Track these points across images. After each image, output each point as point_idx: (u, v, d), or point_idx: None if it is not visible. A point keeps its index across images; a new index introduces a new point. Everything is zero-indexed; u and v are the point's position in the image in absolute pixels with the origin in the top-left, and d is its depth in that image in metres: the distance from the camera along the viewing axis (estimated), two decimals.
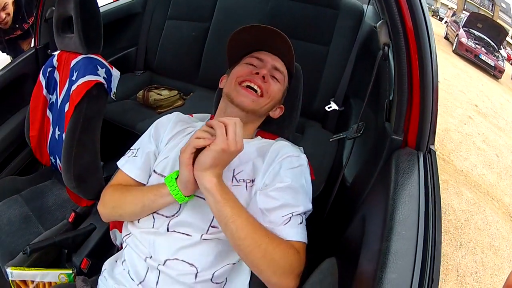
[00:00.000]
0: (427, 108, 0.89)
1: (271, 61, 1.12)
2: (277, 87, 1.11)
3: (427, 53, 0.84)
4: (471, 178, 3.37)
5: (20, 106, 1.99)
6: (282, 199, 0.91)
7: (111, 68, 1.54)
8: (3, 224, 1.58)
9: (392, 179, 0.83)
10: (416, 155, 0.91)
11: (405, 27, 0.84)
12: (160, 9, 2.63)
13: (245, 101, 1.04)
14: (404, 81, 0.89)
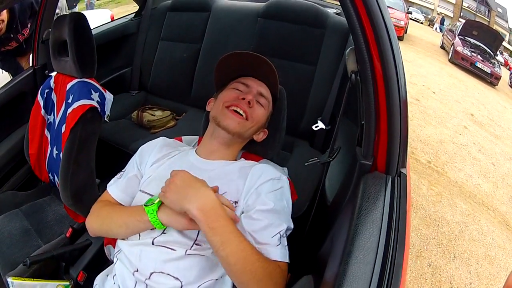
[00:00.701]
0: (395, 134, 0.90)
1: (256, 87, 1.17)
2: (262, 112, 1.16)
3: (393, 80, 0.85)
4: (465, 189, 3.36)
5: (20, 123, 2.05)
6: (266, 219, 0.95)
7: (104, 92, 1.59)
8: (4, 237, 1.64)
9: (357, 204, 0.85)
10: (385, 180, 0.92)
11: (371, 55, 0.85)
12: (153, 30, 2.70)
13: (231, 124, 1.08)
14: (371, 108, 0.90)
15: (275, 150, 1.28)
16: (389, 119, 0.88)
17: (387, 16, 0.82)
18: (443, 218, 2.83)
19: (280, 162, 1.81)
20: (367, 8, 0.79)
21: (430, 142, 4.26)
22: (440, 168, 3.68)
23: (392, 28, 0.84)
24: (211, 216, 0.86)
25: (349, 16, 0.83)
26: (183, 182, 0.90)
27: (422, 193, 3.15)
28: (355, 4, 0.80)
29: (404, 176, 0.95)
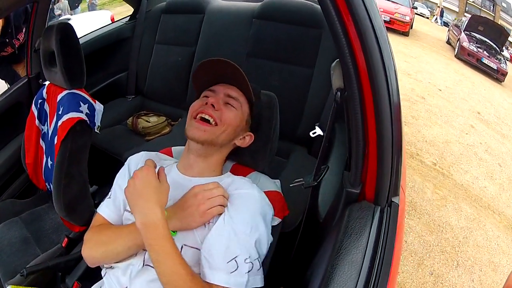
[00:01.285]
0: (385, 161, 0.82)
1: (223, 90, 1.12)
2: (232, 113, 1.09)
3: (384, 100, 0.77)
4: (471, 192, 3.29)
5: (17, 132, 2.05)
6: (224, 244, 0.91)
7: (94, 103, 1.58)
8: (4, 245, 1.65)
9: (338, 241, 0.79)
10: (372, 211, 0.85)
11: (358, 69, 0.77)
12: (148, 33, 2.67)
13: (197, 133, 1.03)
14: (358, 132, 0.82)
15: (266, 162, 1.22)
16: (379, 145, 0.81)
17: (377, 21, 0.75)
18: (448, 224, 2.77)
19: (276, 169, 1.82)
20: (351, 12, 0.72)
21: (436, 142, 4.18)
22: (446, 170, 3.61)
23: (384, 37, 0.77)
24: (151, 232, 0.85)
25: (331, 23, 0.75)
26: (140, 185, 0.89)
27: (427, 198, 3.09)
28: (338, 8, 0.72)
29: (395, 206, 0.88)
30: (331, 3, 0.72)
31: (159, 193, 0.90)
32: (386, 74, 0.76)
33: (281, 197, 1.17)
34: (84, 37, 2.57)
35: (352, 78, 0.78)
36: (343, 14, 0.72)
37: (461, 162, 3.85)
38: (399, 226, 0.85)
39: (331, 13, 0.73)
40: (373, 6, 0.75)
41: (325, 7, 0.73)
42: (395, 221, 0.85)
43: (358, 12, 0.71)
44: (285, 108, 1.30)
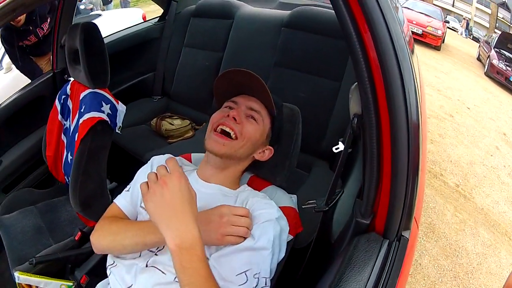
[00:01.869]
0: (398, 195, 0.78)
1: (245, 102, 1.10)
2: (253, 127, 1.06)
3: (402, 133, 0.72)
4: (491, 217, 3.20)
5: (39, 124, 2.11)
6: (236, 257, 0.89)
7: (116, 103, 1.59)
8: (16, 232, 1.69)
9: (340, 270, 0.76)
10: (380, 245, 0.81)
11: (376, 97, 0.72)
12: (177, 35, 2.69)
13: (216, 147, 1.02)
14: (373, 162, 0.79)
15: (283, 177, 1.18)
16: (393, 178, 0.76)
17: (400, 42, 0.70)
18: (464, 249, 2.70)
19: (296, 182, 1.80)
20: (372, 30, 0.67)
21: (460, 163, 4.09)
22: (468, 192, 3.52)
23: (407, 60, 0.71)
24: (186, 255, 0.73)
25: (351, 44, 0.70)
26: (172, 197, 0.76)
27: (446, 220, 3.02)
28: (357, 26, 0.68)
29: (404, 241, 0.83)
30: (351, 21, 0.69)
31: (194, 207, 0.79)
32: (406, 104, 0.71)
33: (296, 213, 1.14)
34: (113, 35, 2.62)
35: (370, 105, 0.73)
36: (363, 32, 0.69)
37: (484, 185, 3.75)
38: (405, 261, 0.80)
39: (353, 37, 0.70)
40: (396, 25, 0.70)
41: (347, 30, 0.70)
42: (401, 256, 0.81)
43: (380, 35, 0.67)
44: (310, 121, 1.28)
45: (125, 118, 1.65)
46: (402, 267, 0.79)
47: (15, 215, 1.79)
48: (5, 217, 1.78)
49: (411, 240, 0.85)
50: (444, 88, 6.92)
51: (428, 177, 3.61)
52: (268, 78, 2.16)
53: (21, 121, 2.09)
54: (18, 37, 2.29)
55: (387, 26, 0.68)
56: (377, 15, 0.67)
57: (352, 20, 0.69)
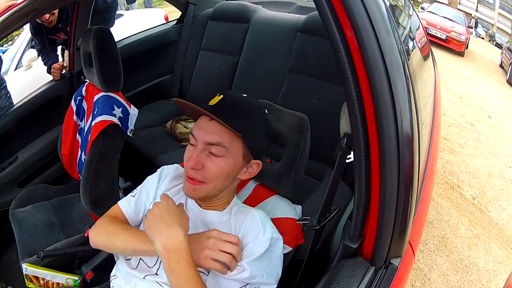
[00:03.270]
0: (386, 220, 0.74)
1: (202, 138, 0.97)
2: (218, 165, 0.97)
3: (391, 154, 0.68)
4: (505, 232, 3.10)
5: (56, 123, 2.17)
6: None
7: (128, 107, 1.62)
8: (28, 225, 1.75)
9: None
10: (365, 271, 0.77)
11: (365, 117, 0.68)
12: (194, 38, 2.71)
13: (190, 193, 1.00)
14: (361, 185, 0.75)
15: (287, 187, 1.14)
16: (381, 203, 0.73)
17: (394, 55, 0.65)
18: (475, 265, 2.62)
19: (307, 190, 1.78)
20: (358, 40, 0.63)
21: (478, 174, 3.98)
22: (484, 206, 3.43)
23: (401, 78, 0.67)
24: (173, 256, 0.83)
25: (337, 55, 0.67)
26: (160, 212, 0.89)
27: (460, 234, 2.95)
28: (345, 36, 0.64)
29: (393, 269, 0.79)
30: (339, 35, 0.65)
31: (182, 218, 0.90)
32: (396, 126, 0.67)
33: (298, 224, 1.11)
34: (132, 37, 2.67)
35: (358, 125, 0.70)
36: (351, 47, 0.65)
37: (500, 199, 3.64)
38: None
39: (339, 48, 0.66)
40: (389, 38, 0.65)
41: (333, 39, 0.66)
42: (387, 286, 0.77)
43: (367, 46, 0.63)
44: (322, 128, 1.25)
45: (142, 119, 1.68)
46: None
47: (28, 209, 1.84)
48: (19, 211, 1.83)
49: (402, 269, 0.81)
50: (467, 96, 6.77)
51: (445, 188, 3.54)
52: (282, 84, 2.16)
53: (38, 119, 2.16)
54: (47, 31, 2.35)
55: (376, 36, 0.63)
56: (362, 21, 0.63)
57: (337, 23, 0.65)
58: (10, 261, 1.98)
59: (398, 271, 0.80)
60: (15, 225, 1.76)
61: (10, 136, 2.13)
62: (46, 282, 1.51)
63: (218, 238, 0.92)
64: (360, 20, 0.62)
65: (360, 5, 0.61)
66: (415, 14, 2.11)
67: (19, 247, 1.66)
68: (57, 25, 2.37)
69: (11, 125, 2.12)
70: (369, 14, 0.62)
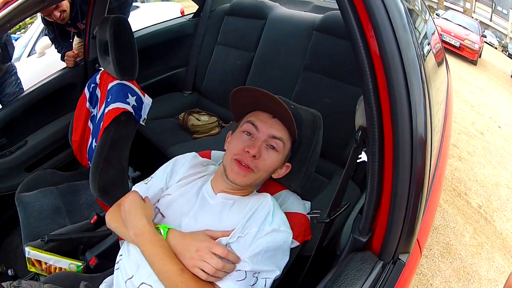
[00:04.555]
0: (396, 216, 0.75)
1: (267, 129, 1.06)
2: (272, 158, 1.06)
3: (405, 149, 0.69)
4: (508, 242, 3.09)
5: (68, 110, 2.18)
6: None
7: (143, 96, 1.62)
8: (34, 210, 1.76)
9: (327, 285, 0.76)
10: (373, 265, 0.79)
11: (381, 111, 0.69)
12: (210, 33, 2.72)
13: (237, 178, 1.03)
14: (374, 179, 0.75)
15: (298, 183, 1.18)
16: (393, 198, 0.74)
17: (410, 54, 0.66)
18: (477, 273, 2.62)
19: (316, 188, 1.80)
20: (378, 38, 0.64)
21: (485, 183, 3.97)
22: (489, 215, 3.42)
23: (417, 74, 0.68)
24: (140, 240, 0.98)
25: (356, 51, 0.67)
26: (128, 206, 1.05)
27: (464, 242, 2.94)
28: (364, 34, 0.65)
29: (400, 265, 0.80)
30: (360, 33, 0.66)
31: (144, 208, 1.06)
32: (411, 122, 0.68)
33: (306, 220, 1.13)
34: (148, 28, 2.69)
35: (374, 119, 0.71)
36: (371, 43, 0.66)
37: (506, 209, 3.62)
38: (398, 287, 0.78)
39: (359, 44, 0.67)
40: (407, 35, 0.67)
41: (352, 35, 0.67)
42: (394, 281, 0.79)
43: (385, 43, 0.64)
44: (334, 127, 1.27)
45: (154, 110, 1.69)
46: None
47: (35, 193, 1.85)
48: (25, 195, 1.84)
49: (410, 265, 0.82)
50: (478, 105, 6.73)
51: (452, 195, 3.53)
52: (296, 82, 2.17)
53: (50, 105, 2.18)
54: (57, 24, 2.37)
55: (395, 35, 0.65)
56: (383, 20, 0.64)
57: (358, 25, 0.66)
58: (12, 245, 1.99)
59: (405, 267, 0.81)
60: (20, 208, 1.78)
61: (20, 120, 2.15)
62: (49, 266, 1.53)
63: (208, 248, 0.95)
64: (380, 17, 0.63)
65: (380, 4, 0.63)
66: (431, 19, 2.10)
67: (23, 230, 1.68)
68: (67, 22, 2.40)
69: (22, 110, 2.13)
70: (389, 13, 0.64)
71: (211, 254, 0.93)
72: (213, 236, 0.99)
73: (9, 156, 2.10)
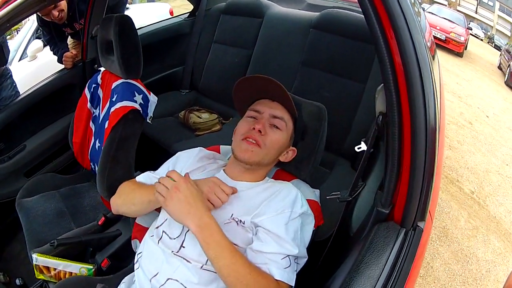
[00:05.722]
0: (415, 187, 0.84)
1: (268, 110, 1.15)
2: (277, 135, 1.13)
3: (421, 131, 0.79)
4: (502, 225, 3.20)
5: (66, 111, 2.17)
6: (271, 245, 0.97)
7: (148, 94, 1.64)
8: (37, 215, 1.73)
9: (360, 255, 0.83)
10: (397, 233, 0.88)
11: (400, 98, 0.79)
12: (207, 31, 2.74)
13: (246, 155, 1.08)
14: (394, 156, 0.85)
15: (308, 171, 1.25)
16: (412, 171, 0.83)
17: (422, 52, 0.76)
18: (474, 255, 2.71)
19: (319, 179, 1.83)
20: (399, 42, 0.74)
21: (476, 170, 4.09)
22: (482, 200, 3.52)
23: (427, 69, 0.78)
24: (206, 232, 0.92)
25: (380, 52, 0.77)
26: (185, 197, 0.94)
27: (460, 226, 3.03)
28: (387, 39, 0.75)
29: (419, 231, 0.90)
30: (381, 32, 0.75)
31: (203, 200, 0.98)
32: (425, 106, 0.78)
33: (318, 206, 1.19)
34: (144, 29, 2.69)
35: (394, 105, 0.80)
36: (389, 38, 0.75)
37: (498, 194, 3.73)
38: (420, 249, 0.88)
39: (380, 42, 0.76)
40: (419, 36, 0.77)
41: (375, 36, 0.76)
42: (416, 244, 0.87)
43: (404, 42, 0.74)
44: (333, 120, 1.29)
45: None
46: (416, 254, 0.86)
47: (36, 198, 1.82)
48: (26, 200, 1.81)
49: (426, 231, 0.91)
50: (465, 96, 6.88)
51: (445, 182, 3.63)
52: (295, 77, 2.22)
53: (48, 108, 2.16)
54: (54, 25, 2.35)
55: (411, 35, 0.74)
56: (402, 23, 0.73)
57: (380, 27, 0.75)
58: (14, 253, 1.95)
59: (424, 232, 0.90)
60: (22, 214, 1.74)
61: (18, 124, 2.12)
62: (58, 272, 1.50)
63: (217, 185, 1.03)
64: (399, 21, 0.73)
65: (399, 10, 0.72)
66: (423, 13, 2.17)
67: (27, 237, 1.64)
68: (64, 22, 2.39)
69: (19, 113, 2.10)
70: (405, 17, 0.73)
71: (221, 192, 1.02)
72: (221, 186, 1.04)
73: (8, 161, 2.05)
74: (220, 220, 0.99)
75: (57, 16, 2.13)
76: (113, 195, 1.36)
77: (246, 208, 1.05)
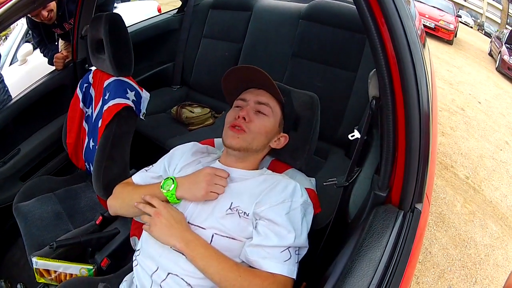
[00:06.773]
0: (411, 169, 0.85)
1: (253, 97, 1.17)
2: (262, 121, 1.14)
3: (414, 113, 0.80)
4: (499, 210, 3.22)
5: (59, 113, 2.15)
6: (271, 239, 0.98)
7: (140, 91, 1.64)
8: (34, 218, 1.71)
9: (361, 238, 0.84)
10: (396, 215, 0.88)
11: (392, 82, 0.80)
12: (196, 27, 2.74)
13: (232, 141, 1.11)
14: (389, 140, 0.86)
15: (303, 160, 1.25)
16: (407, 154, 0.85)
17: (412, 36, 0.77)
18: (472, 239, 2.73)
19: (314, 168, 1.81)
20: (389, 27, 0.75)
21: (470, 156, 4.12)
22: (477, 185, 3.54)
23: (418, 52, 0.79)
24: (190, 247, 0.98)
25: (371, 38, 0.79)
26: (167, 220, 1.02)
27: (456, 211, 3.05)
28: (377, 24, 0.76)
29: (417, 212, 0.91)
30: (372, 20, 0.77)
31: (185, 222, 1.04)
32: (417, 89, 0.79)
33: (315, 195, 1.20)
34: (133, 26, 2.67)
35: (387, 89, 0.82)
36: (381, 26, 0.76)
37: (493, 178, 3.76)
38: (419, 230, 0.89)
39: (371, 29, 0.78)
40: (410, 22, 0.78)
41: (367, 24, 0.78)
42: (415, 225, 0.89)
43: (395, 29, 0.75)
44: (326, 110, 1.30)
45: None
46: (416, 236, 0.87)
47: (33, 202, 1.81)
48: (23, 204, 1.80)
49: (424, 212, 0.92)
50: (456, 82, 6.92)
51: (439, 168, 3.65)
52: (286, 68, 2.23)
53: (41, 110, 2.14)
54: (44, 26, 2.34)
55: (401, 22, 0.75)
56: (392, 10, 0.74)
57: (371, 14, 0.77)
58: (14, 259, 1.91)
59: (422, 214, 0.91)
60: (20, 219, 1.73)
61: (12, 128, 2.09)
62: (58, 275, 1.50)
63: (213, 174, 1.07)
64: (390, 8, 0.75)
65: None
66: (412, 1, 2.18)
67: (26, 241, 1.63)
68: (53, 22, 2.37)
69: (12, 117, 2.08)
70: (396, 4, 0.75)
71: (220, 178, 1.07)
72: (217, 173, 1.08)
73: (3, 166, 2.03)
74: (221, 209, 1.04)
75: (47, 17, 2.12)
76: (109, 194, 1.36)
77: (247, 197, 1.05)
